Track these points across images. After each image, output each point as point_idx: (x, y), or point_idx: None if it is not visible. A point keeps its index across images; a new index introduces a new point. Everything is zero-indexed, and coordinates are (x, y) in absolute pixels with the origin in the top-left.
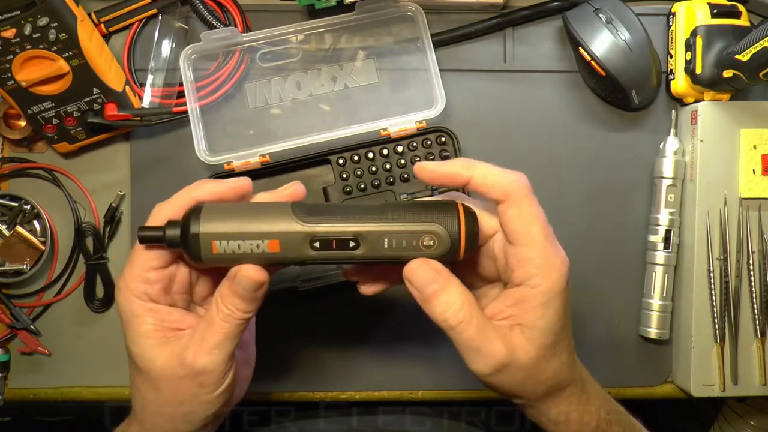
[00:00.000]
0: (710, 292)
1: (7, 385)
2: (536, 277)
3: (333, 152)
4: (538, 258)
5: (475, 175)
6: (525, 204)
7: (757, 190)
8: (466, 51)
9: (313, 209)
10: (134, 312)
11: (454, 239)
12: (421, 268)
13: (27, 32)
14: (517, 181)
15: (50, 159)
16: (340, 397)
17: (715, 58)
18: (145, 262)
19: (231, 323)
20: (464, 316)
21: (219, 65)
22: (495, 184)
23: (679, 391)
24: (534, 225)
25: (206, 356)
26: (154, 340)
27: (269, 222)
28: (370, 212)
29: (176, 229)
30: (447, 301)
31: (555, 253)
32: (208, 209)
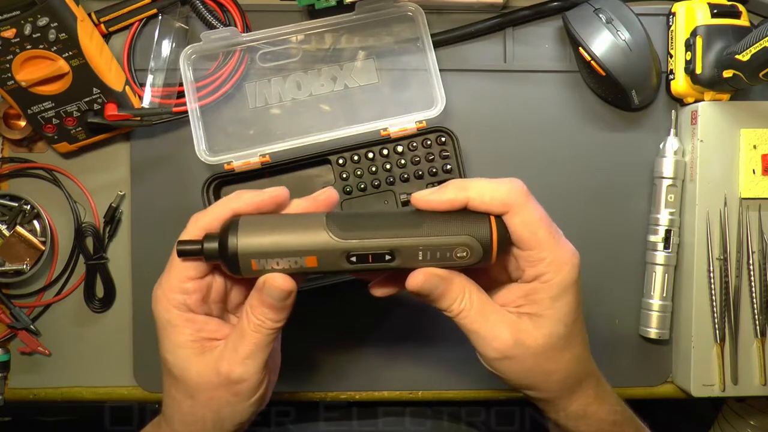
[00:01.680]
0: (710, 292)
1: (7, 385)
2: (547, 273)
3: (333, 152)
4: (548, 257)
5: (471, 196)
6: (526, 210)
7: (757, 190)
8: (466, 51)
9: (349, 222)
10: (172, 322)
11: (486, 249)
12: (426, 279)
13: (27, 32)
14: (513, 189)
15: (50, 159)
16: (340, 397)
17: (715, 58)
18: (183, 272)
19: (262, 333)
20: (465, 304)
21: (219, 65)
22: (493, 199)
23: (679, 391)
24: (539, 228)
25: (240, 366)
26: (191, 351)
27: (306, 238)
28: (405, 225)
29: (214, 243)
30: (452, 296)
31: (564, 247)
32: (245, 224)
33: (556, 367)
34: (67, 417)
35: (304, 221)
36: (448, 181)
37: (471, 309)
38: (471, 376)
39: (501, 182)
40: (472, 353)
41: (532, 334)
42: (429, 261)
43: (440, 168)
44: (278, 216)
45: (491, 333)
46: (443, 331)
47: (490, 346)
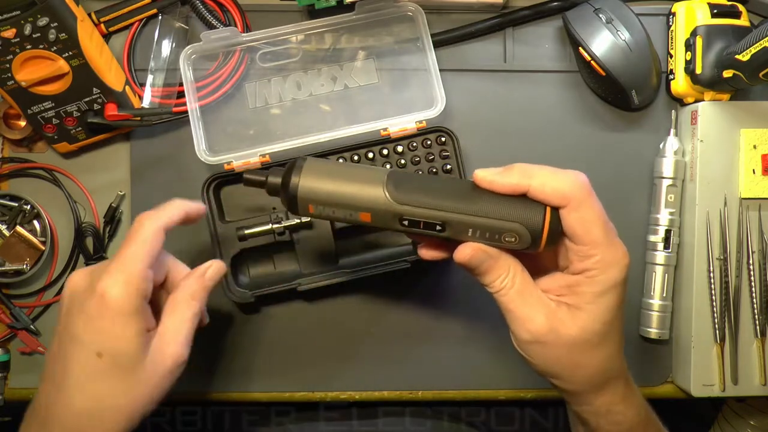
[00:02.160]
0: (710, 292)
1: (7, 385)
2: (595, 270)
3: (333, 152)
4: (599, 255)
5: (533, 184)
6: (585, 207)
7: (757, 190)
8: (466, 51)
9: (408, 184)
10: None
11: (535, 239)
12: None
13: (27, 32)
14: (575, 183)
15: (50, 159)
16: (340, 397)
17: (715, 58)
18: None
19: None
20: (508, 282)
21: (219, 65)
22: (555, 192)
23: (679, 391)
24: (595, 226)
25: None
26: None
27: (363, 194)
28: (461, 198)
29: (277, 178)
30: (497, 272)
31: (616, 248)
32: (310, 165)
33: (586, 362)
34: None
35: (366, 174)
36: (513, 165)
37: (511, 289)
38: (471, 376)
39: (565, 175)
40: (472, 353)
41: (568, 324)
42: (478, 238)
43: (440, 168)
44: (343, 164)
45: (527, 315)
46: (443, 331)
47: (524, 327)
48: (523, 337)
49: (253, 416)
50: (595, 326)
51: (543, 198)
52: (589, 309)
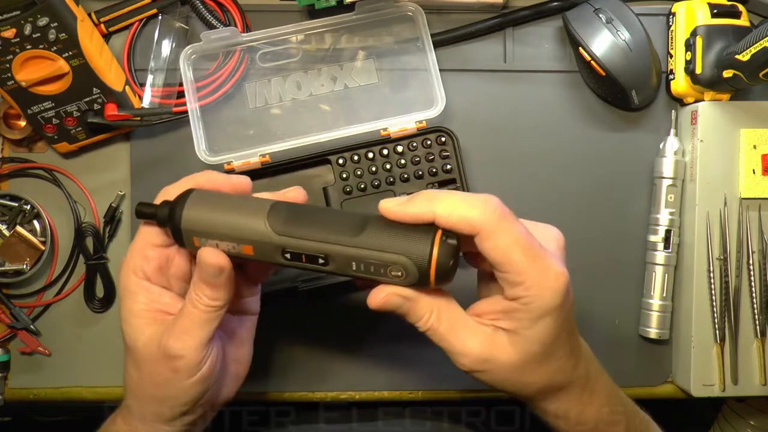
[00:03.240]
0: (710, 292)
1: (7, 385)
2: (526, 297)
3: (333, 152)
4: (526, 281)
5: (438, 213)
6: (498, 234)
7: (757, 190)
8: (466, 51)
9: (290, 217)
10: (128, 288)
11: (422, 273)
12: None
13: (27, 32)
14: (485, 211)
15: (50, 159)
16: (340, 397)
17: (715, 58)
18: (146, 239)
19: (199, 309)
20: (432, 322)
21: (219, 65)
22: (462, 220)
23: (679, 391)
24: (514, 252)
25: (177, 341)
26: (143, 320)
27: (244, 226)
28: (344, 231)
29: (165, 209)
30: (417, 314)
31: (545, 271)
32: (197, 198)
33: (531, 380)
34: (67, 417)
35: (249, 207)
36: (419, 192)
37: (439, 327)
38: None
39: (474, 201)
40: None
41: (507, 350)
42: (363, 273)
43: (440, 168)
44: (230, 197)
45: (460, 349)
46: None
47: (460, 362)
48: (465, 368)
49: (253, 416)
50: (535, 349)
51: (451, 227)
52: (526, 334)
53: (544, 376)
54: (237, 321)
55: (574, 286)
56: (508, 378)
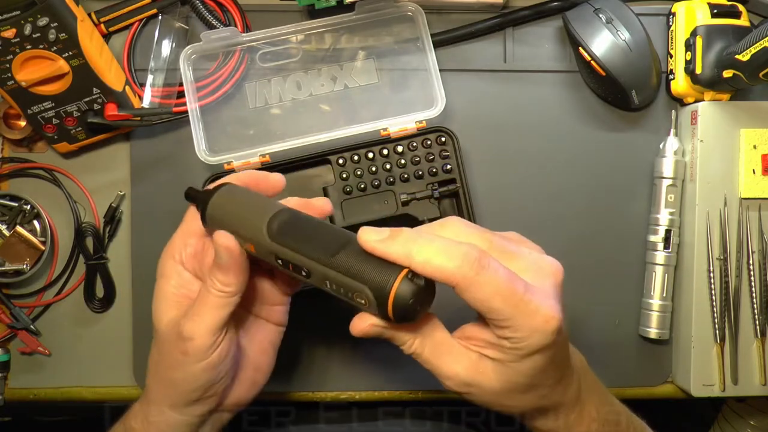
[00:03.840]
0: (710, 292)
1: (7, 385)
2: (513, 338)
3: (333, 152)
4: (512, 325)
5: (415, 263)
6: (476, 287)
7: (757, 190)
8: (466, 51)
9: (286, 226)
10: (164, 271)
11: (381, 307)
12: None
13: (27, 32)
14: (463, 264)
15: (50, 159)
16: (340, 397)
17: (715, 58)
18: (189, 227)
19: (212, 294)
20: (416, 348)
21: (219, 65)
22: (437, 271)
23: (679, 391)
24: (494, 302)
25: (189, 322)
26: (169, 303)
27: (249, 226)
28: (323, 249)
29: (204, 196)
30: (400, 340)
31: (531, 315)
32: (223, 192)
33: (516, 404)
34: (67, 417)
35: (260, 209)
36: (401, 230)
37: (423, 352)
38: None
39: (452, 252)
40: None
41: (490, 377)
42: (337, 293)
43: (440, 168)
44: (253, 196)
45: (445, 372)
46: None
47: (444, 383)
48: (451, 389)
49: (253, 416)
50: (520, 380)
51: (428, 276)
52: (513, 366)
53: (529, 402)
54: (262, 326)
55: (574, 286)
56: (491, 401)
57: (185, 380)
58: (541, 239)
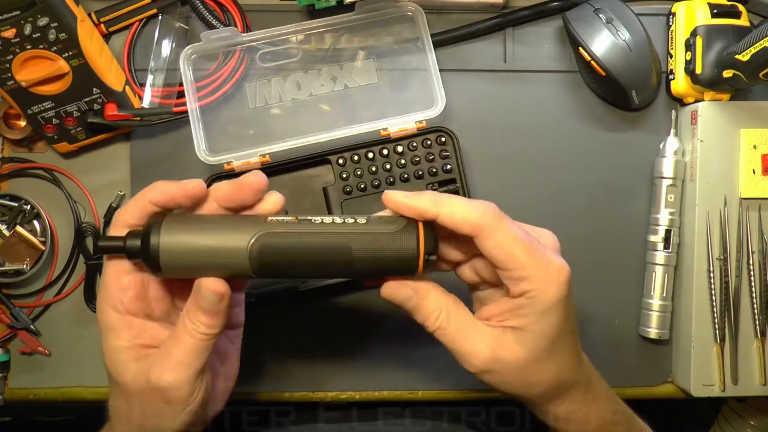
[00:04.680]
0: (710, 292)
1: (7, 385)
2: (531, 290)
3: (333, 152)
4: (530, 275)
5: (442, 213)
6: (498, 233)
7: (757, 190)
8: (466, 51)
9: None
10: (110, 325)
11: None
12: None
13: (27, 32)
14: (486, 213)
15: (50, 159)
16: (340, 397)
17: (715, 58)
18: (117, 268)
19: (196, 338)
20: (441, 322)
21: (219, 65)
22: (464, 221)
23: (679, 391)
24: (515, 248)
25: (171, 373)
26: (127, 356)
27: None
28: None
29: (136, 240)
30: (427, 311)
31: (547, 264)
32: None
33: (538, 378)
34: (67, 417)
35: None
36: (422, 192)
37: (448, 327)
38: (471, 377)
39: (475, 204)
40: None
41: (514, 348)
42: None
43: (440, 168)
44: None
45: (470, 349)
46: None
47: (469, 362)
48: (470, 369)
49: (253, 416)
50: (542, 343)
51: (453, 227)
52: (534, 329)
53: (550, 373)
54: (224, 339)
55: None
56: (515, 378)
57: (169, 426)
58: None
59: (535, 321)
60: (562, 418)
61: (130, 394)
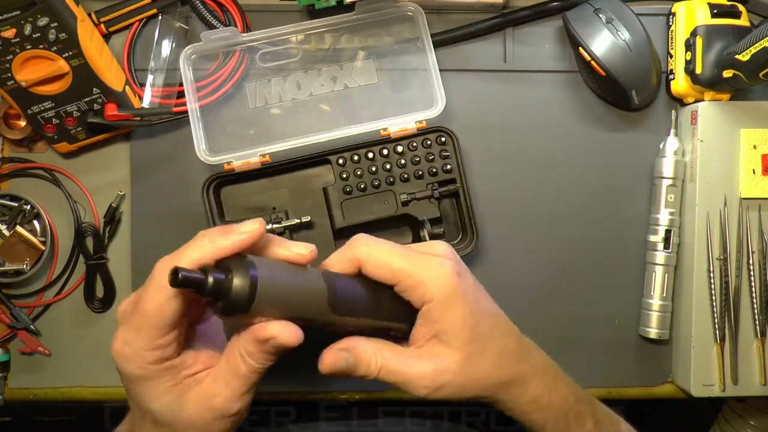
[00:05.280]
0: (710, 292)
1: (7, 385)
2: (426, 293)
3: (333, 152)
4: (416, 280)
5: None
6: (371, 257)
7: (757, 190)
8: (466, 51)
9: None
10: (147, 376)
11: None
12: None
13: (27, 32)
14: (355, 248)
15: (50, 159)
16: (340, 397)
17: (715, 58)
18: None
19: (259, 373)
20: (381, 361)
21: (219, 65)
22: (348, 262)
23: (679, 391)
24: (391, 262)
25: (238, 403)
26: (176, 395)
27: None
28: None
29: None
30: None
31: (426, 264)
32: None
33: (483, 372)
34: (67, 417)
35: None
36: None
37: (389, 363)
38: None
39: (347, 244)
40: None
41: (447, 353)
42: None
43: (440, 168)
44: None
45: (414, 375)
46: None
47: (418, 387)
48: (425, 393)
49: (253, 416)
50: (466, 335)
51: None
52: (449, 327)
53: (491, 365)
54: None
55: (574, 286)
56: (464, 380)
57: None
58: (542, 239)
59: (445, 319)
60: (526, 409)
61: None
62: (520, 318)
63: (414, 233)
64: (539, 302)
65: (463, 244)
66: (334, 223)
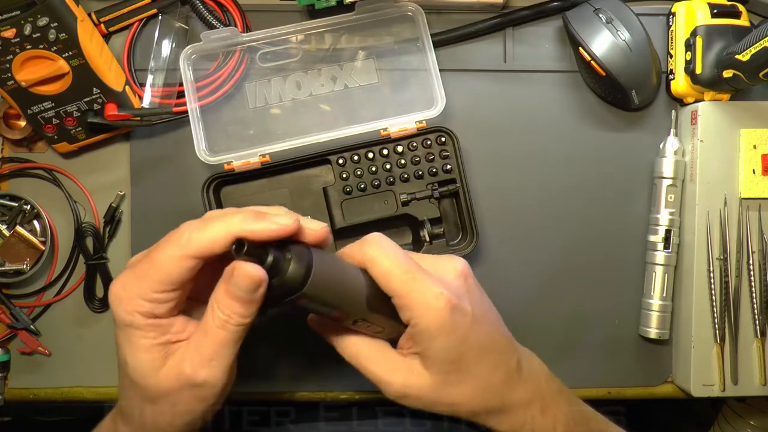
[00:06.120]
0: (710, 292)
1: (7, 385)
2: (412, 318)
3: (333, 152)
4: (408, 304)
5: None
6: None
7: (757, 190)
8: (466, 51)
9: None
10: (134, 324)
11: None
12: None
13: (27, 32)
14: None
15: (50, 159)
16: (340, 397)
17: (715, 58)
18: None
19: (228, 330)
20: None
21: (219, 65)
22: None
23: (679, 391)
24: (391, 278)
25: (205, 369)
26: (154, 355)
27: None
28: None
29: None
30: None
31: (423, 291)
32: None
33: (457, 400)
34: (67, 417)
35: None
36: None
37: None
38: None
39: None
40: None
41: (422, 374)
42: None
43: (440, 168)
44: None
45: (385, 378)
46: None
47: (385, 390)
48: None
49: (253, 416)
50: (446, 367)
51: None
52: (430, 354)
53: (468, 395)
54: None
55: (574, 287)
56: (432, 401)
57: (198, 421)
58: (542, 239)
59: (428, 346)
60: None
61: (157, 394)
62: (520, 318)
63: (414, 233)
64: (539, 302)
65: (463, 244)
66: (334, 223)
